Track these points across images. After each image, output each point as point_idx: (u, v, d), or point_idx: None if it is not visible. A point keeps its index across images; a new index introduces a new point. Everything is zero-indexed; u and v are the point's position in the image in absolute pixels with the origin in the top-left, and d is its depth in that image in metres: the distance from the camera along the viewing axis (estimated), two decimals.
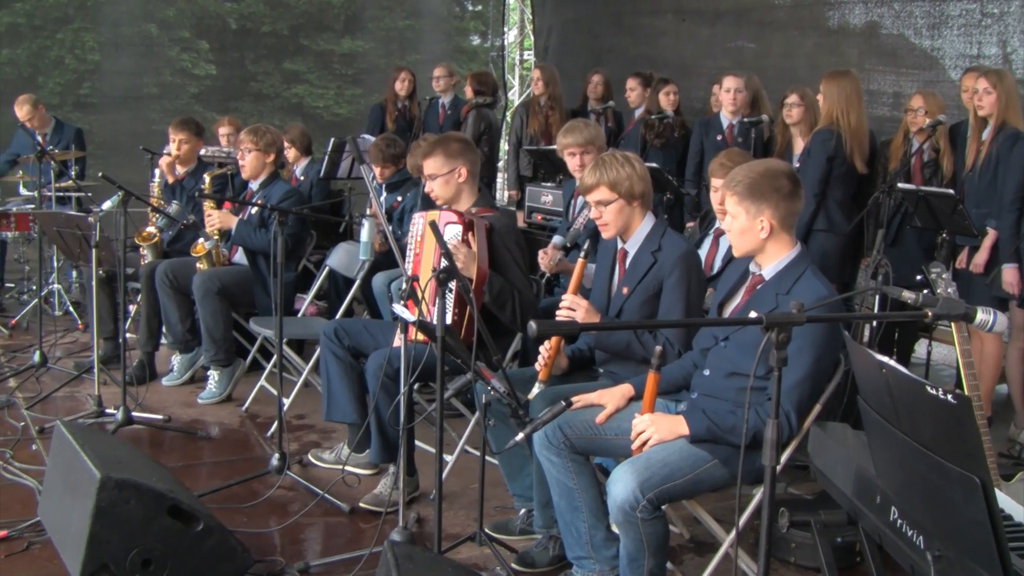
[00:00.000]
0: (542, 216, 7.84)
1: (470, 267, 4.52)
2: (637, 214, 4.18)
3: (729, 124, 7.27)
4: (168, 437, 5.70)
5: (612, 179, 4.11)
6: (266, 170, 6.52)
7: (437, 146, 4.89)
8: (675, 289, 4.04)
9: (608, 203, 4.13)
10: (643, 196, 4.16)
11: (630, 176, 4.12)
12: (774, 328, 2.49)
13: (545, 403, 3.83)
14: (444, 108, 9.58)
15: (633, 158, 4.19)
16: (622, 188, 4.11)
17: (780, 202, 3.47)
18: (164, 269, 6.46)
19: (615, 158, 4.17)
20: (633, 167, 4.14)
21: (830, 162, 6.10)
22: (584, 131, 5.52)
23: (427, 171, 4.89)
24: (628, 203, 4.14)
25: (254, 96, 12.80)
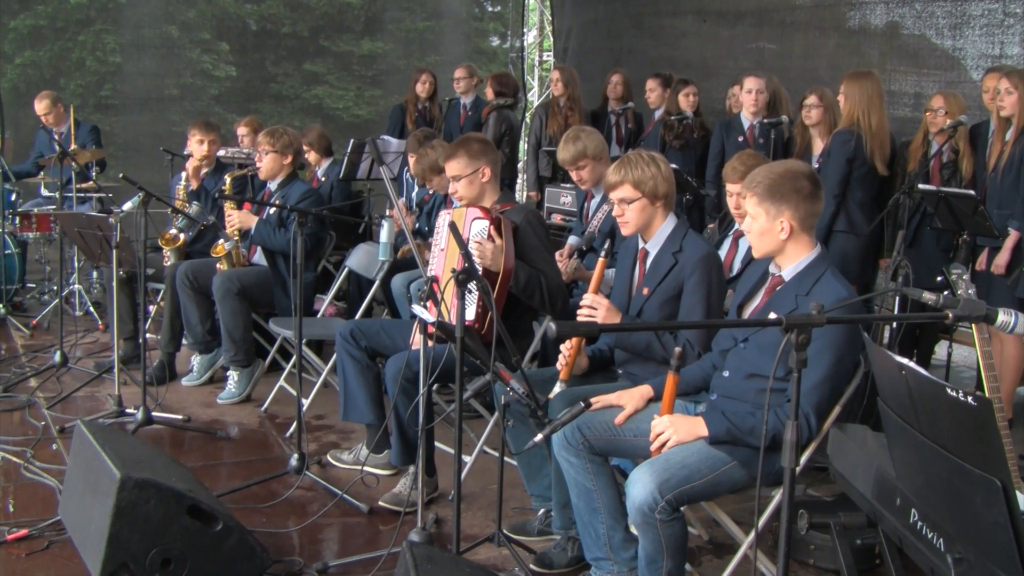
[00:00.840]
0: (561, 217, 7.85)
1: (498, 260, 4.53)
2: (659, 214, 4.18)
3: (750, 125, 7.25)
4: (188, 437, 5.72)
5: (637, 178, 4.12)
6: (283, 171, 6.53)
7: (459, 148, 4.90)
8: (696, 290, 4.04)
9: (631, 201, 4.14)
10: (667, 197, 4.16)
11: (655, 176, 4.12)
12: (794, 330, 2.49)
13: (564, 404, 3.83)
14: (465, 109, 9.58)
15: (659, 159, 4.20)
16: (646, 187, 4.12)
17: (800, 203, 3.46)
18: (184, 270, 6.49)
19: (641, 157, 4.18)
20: (659, 167, 4.15)
21: (850, 163, 6.09)
22: (573, 145, 5.54)
23: (450, 172, 4.90)
24: (651, 202, 4.14)
25: (274, 98, 12.86)
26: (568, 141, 5.60)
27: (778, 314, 2.60)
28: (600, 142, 5.61)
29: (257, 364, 6.54)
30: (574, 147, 5.55)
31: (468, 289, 3.76)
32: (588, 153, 5.56)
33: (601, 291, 4.28)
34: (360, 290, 6.80)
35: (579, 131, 5.65)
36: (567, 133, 5.71)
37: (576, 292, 5.56)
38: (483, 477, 5.02)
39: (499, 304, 4.48)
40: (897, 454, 2.78)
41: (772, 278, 3.62)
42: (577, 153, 5.56)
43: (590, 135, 5.60)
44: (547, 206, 8.08)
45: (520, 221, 4.73)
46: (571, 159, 5.58)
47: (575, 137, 5.59)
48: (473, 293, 4.49)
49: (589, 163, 5.57)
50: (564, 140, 5.64)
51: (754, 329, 3.54)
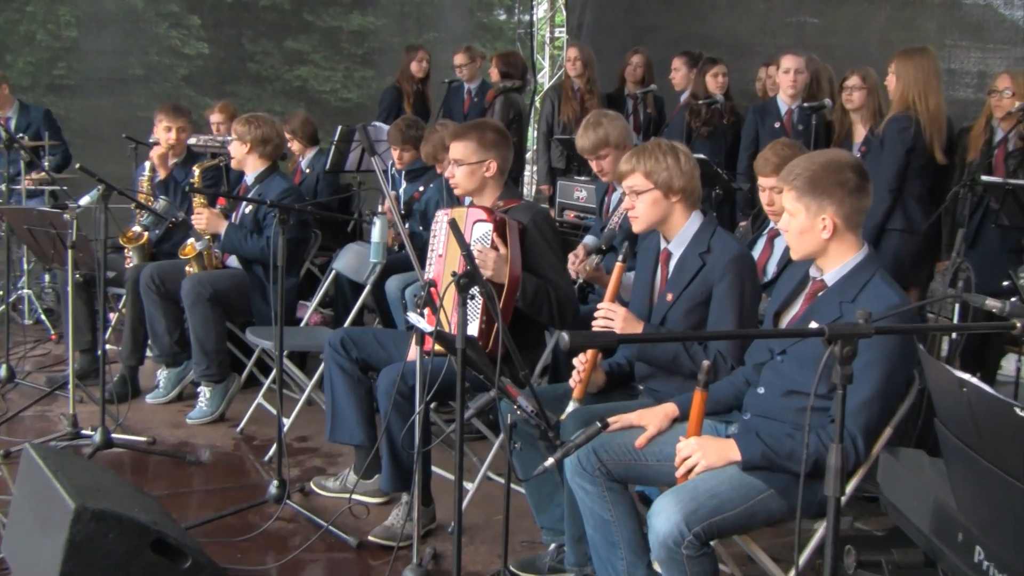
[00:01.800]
0: (575, 214, 7.84)
1: (501, 273, 4.55)
2: (678, 211, 4.19)
3: (788, 110, 7.23)
4: (153, 462, 5.73)
5: (649, 167, 4.16)
6: (264, 162, 6.55)
7: (472, 131, 4.92)
8: (726, 296, 4.04)
9: (641, 192, 4.16)
10: (685, 192, 4.17)
11: (669, 168, 4.14)
12: (838, 340, 2.48)
13: (578, 424, 3.83)
14: (470, 95, 9.57)
15: (681, 150, 4.21)
16: (658, 178, 4.15)
17: (845, 198, 3.46)
18: (150, 273, 6.48)
19: (658, 147, 4.20)
20: (677, 159, 4.16)
21: (909, 153, 6.05)
22: (594, 132, 5.55)
23: (454, 154, 4.92)
24: (665, 196, 4.16)
25: (252, 79, 12.86)
26: (589, 127, 5.61)
27: (820, 323, 2.60)
28: (624, 129, 5.63)
29: (232, 379, 6.55)
30: (595, 134, 5.57)
31: (470, 295, 3.76)
32: (611, 141, 5.57)
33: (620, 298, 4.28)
34: (349, 296, 6.80)
35: (601, 116, 5.66)
36: (588, 118, 5.72)
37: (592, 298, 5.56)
38: (487, 507, 5.02)
39: (505, 314, 4.49)
40: (958, 483, 2.77)
41: (813, 283, 3.62)
42: (599, 140, 5.57)
43: (613, 121, 5.61)
44: (559, 201, 8.08)
45: (527, 222, 4.74)
46: (591, 147, 5.60)
47: (596, 123, 5.60)
48: (476, 300, 4.50)
49: (612, 152, 5.58)
50: (584, 126, 5.65)
51: (792, 340, 3.54)
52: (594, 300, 5.52)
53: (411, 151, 7.08)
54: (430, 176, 7.01)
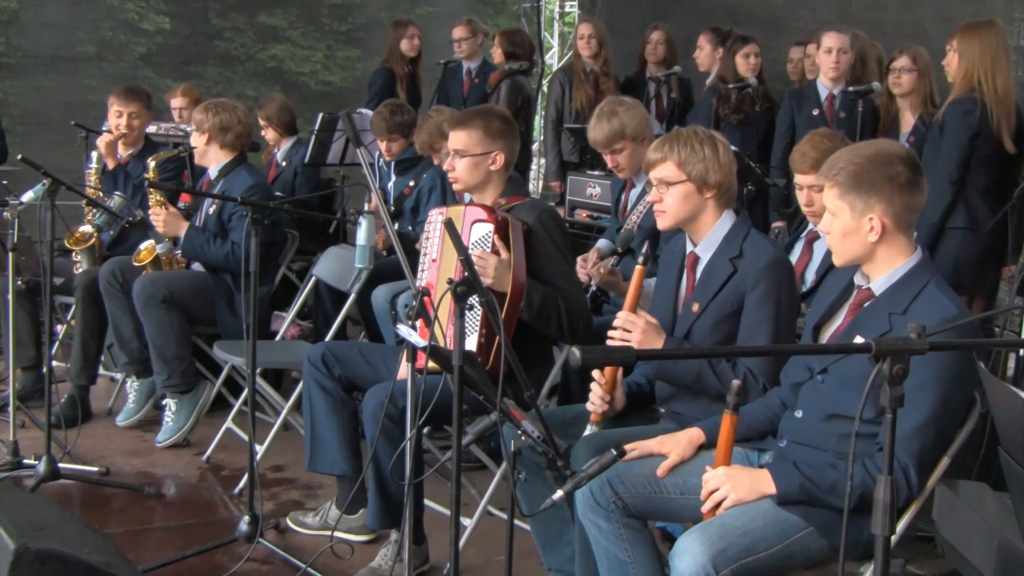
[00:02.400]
0: (587, 213, 7.85)
1: (503, 280, 4.56)
2: (709, 209, 4.20)
3: (829, 95, 7.22)
4: (107, 495, 5.73)
5: (683, 156, 4.17)
6: (228, 153, 6.56)
7: (477, 118, 4.93)
8: (760, 307, 4.05)
9: (673, 183, 4.17)
10: (720, 187, 4.18)
11: (706, 159, 4.16)
12: (886, 357, 2.49)
13: (591, 452, 3.83)
14: (470, 75, 9.56)
15: (720, 141, 4.23)
16: (693, 170, 4.16)
17: (895, 195, 3.46)
18: (111, 269, 6.49)
19: (695, 134, 4.23)
20: (715, 150, 4.18)
21: (973, 140, 6.00)
22: (608, 123, 5.55)
23: (455, 144, 4.92)
24: (699, 191, 4.17)
25: (220, 58, 12.84)
26: (602, 117, 5.61)
27: (866, 338, 2.60)
28: (643, 119, 5.62)
29: (202, 388, 6.54)
30: (609, 125, 5.57)
31: (468, 305, 3.77)
32: (627, 133, 5.57)
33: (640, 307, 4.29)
34: (331, 306, 6.81)
35: (616, 104, 5.66)
36: (601, 106, 5.71)
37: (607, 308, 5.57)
38: (487, 546, 5.03)
39: (508, 327, 4.50)
40: None
41: (858, 291, 3.62)
42: (613, 133, 5.57)
43: (630, 109, 5.61)
44: (570, 199, 8.08)
45: (533, 222, 4.76)
46: (605, 140, 5.59)
47: (611, 112, 5.60)
48: (475, 310, 4.51)
49: (628, 145, 5.58)
50: (597, 115, 5.65)
51: (835, 357, 3.54)
52: (609, 310, 5.53)
53: (399, 139, 7.09)
54: (423, 167, 7.01)
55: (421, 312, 3.99)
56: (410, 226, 6.83)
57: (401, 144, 7.10)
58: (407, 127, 7.07)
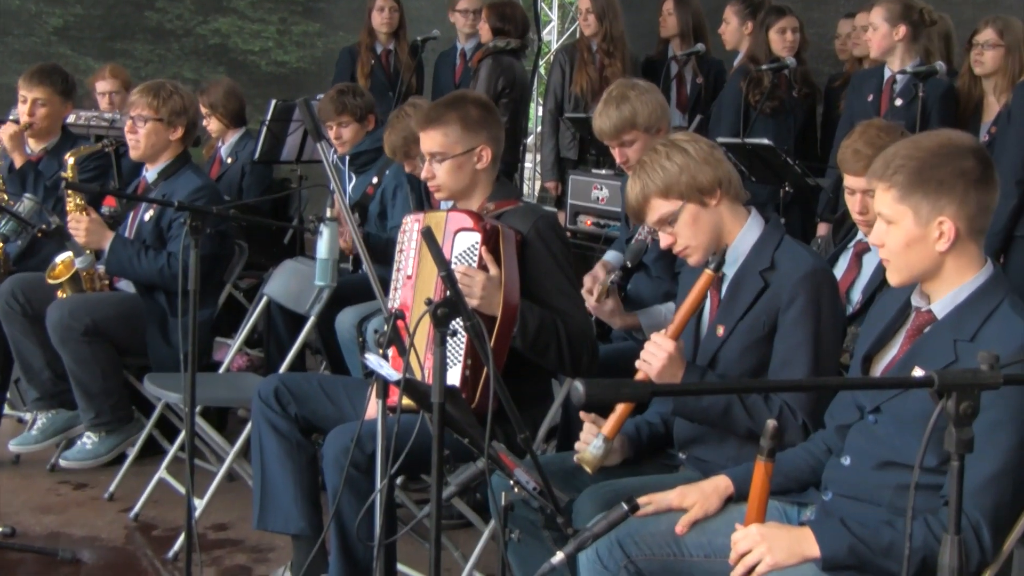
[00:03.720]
0: (592, 220, 7.84)
1: (492, 301, 4.54)
2: (726, 215, 4.18)
3: (891, 77, 7.19)
4: (12, 561, 5.70)
5: (662, 184, 4.14)
6: (169, 151, 6.53)
7: (450, 110, 4.91)
8: (797, 327, 4.03)
9: (672, 216, 4.16)
10: (720, 183, 4.16)
11: (684, 166, 4.13)
12: (952, 393, 2.48)
13: (597, 507, 3.83)
14: (464, 57, 9.55)
15: (680, 139, 4.23)
16: (681, 188, 4.13)
17: (969, 192, 3.41)
18: (10, 289, 6.46)
19: (656, 152, 4.21)
20: (683, 151, 4.16)
21: None
22: (616, 109, 5.52)
23: (430, 147, 4.90)
24: (701, 204, 4.15)
25: (152, 33, 12.81)
26: (610, 102, 5.58)
27: (927, 369, 2.59)
28: (657, 105, 5.58)
29: (136, 424, 6.52)
30: (618, 111, 5.54)
31: (451, 330, 3.75)
32: (639, 121, 5.54)
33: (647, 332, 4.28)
34: (285, 332, 6.80)
35: (627, 88, 5.63)
36: (610, 90, 5.68)
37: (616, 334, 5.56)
38: None
39: (498, 357, 4.49)
40: None
41: (916, 314, 3.60)
42: (623, 121, 5.54)
43: (643, 94, 5.57)
44: (571, 203, 8.08)
45: (528, 231, 4.74)
46: (613, 129, 5.56)
47: (621, 96, 5.57)
48: (459, 337, 4.49)
49: (640, 137, 5.55)
50: (605, 101, 5.62)
51: (889, 394, 3.51)
52: (619, 336, 5.53)
53: (351, 123, 7.07)
54: (385, 161, 6.99)
55: (394, 339, 3.98)
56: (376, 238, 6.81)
57: (355, 131, 7.10)
58: (361, 110, 7.05)
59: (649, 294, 5.49)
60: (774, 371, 4.07)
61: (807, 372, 4.01)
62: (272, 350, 7.03)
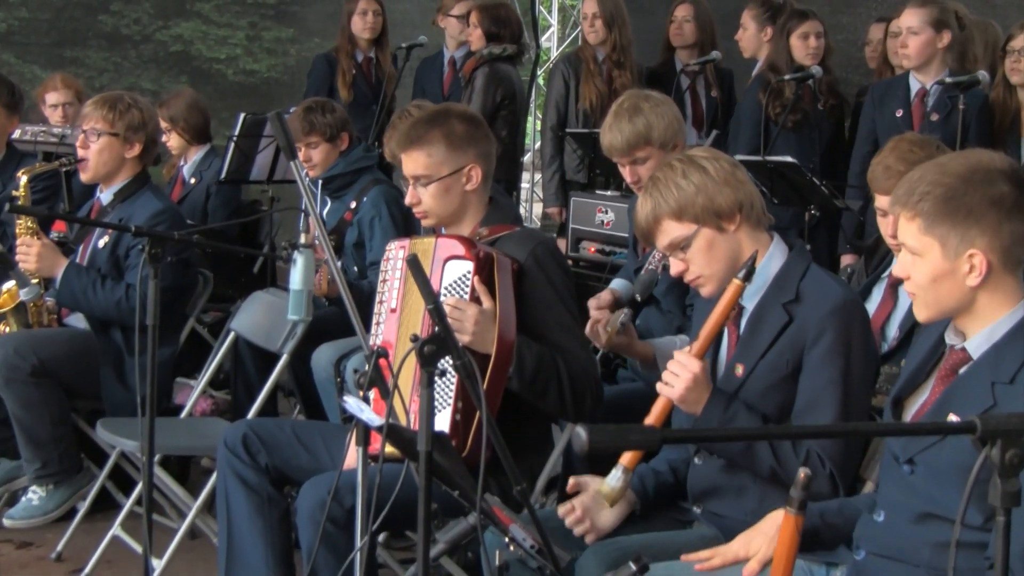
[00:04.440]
0: (597, 247, 7.82)
1: (485, 337, 4.54)
2: (744, 239, 4.18)
3: (920, 89, 7.21)
4: None
5: (675, 205, 4.12)
6: (126, 171, 6.53)
7: (432, 127, 4.92)
8: (824, 366, 4.03)
9: (685, 241, 4.15)
10: (741, 207, 4.16)
11: (702, 187, 4.11)
12: (996, 440, 2.48)
13: (603, 566, 3.83)
14: (453, 66, 9.54)
15: (699, 155, 4.21)
16: (697, 210, 4.11)
17: (1002, 223, 3.40)
18: None
19: (671, 168, 4.19)
20: (702, 169, 4.14)
21: None
22: (629, 123, 5.50)
23: (412, 170, 4.92)
24: (717, 229, 4.14)
25: (106, 39, 12.83)
26: (621, 115, 5.57)
27: (962, 414, 2.59)
28: (674, 119, 5.56)
29: (87, 475, 6.51)
30: (631, 125, 5.53)
31: (440, 370, 3.76)
32: (654, 136, 5.52)
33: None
34: (255, 372, 6.80)
35: (640, 99, 5.61)
36: (620, 102, 5.66)
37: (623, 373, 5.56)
38: None
39: (492, 400, 4.49)
40: None
41: (950, 352, 3.59)
42: (636, 136, 5.52)
43: (658, 107, 5.56)
44: (574, 227, 8.07)
45: (525, 259, 4.75)
46: (625, 145, 5.54)
47: (633, 108, 5.56)
48: (448, 378, 4.50)
49: (654, 154, 5.53)
50: (615, 113, 5.60)
51: (925, 441, 3.51)
52: (626, 377, 5.53)
53: (322, 145, 7.03)
54: (363, 184, 6.98)
55: (376, 380, 3.98)
56: (355, 267, 6.80)
57: (325, 152, 7.06)
58: (332, 129, 7.04)
59: (659, 330, 5.48)
60: (798, 414, 4.06)
61: (835, 416, 4.00)
62: (240, 392, 7.01)
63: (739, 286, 4.05)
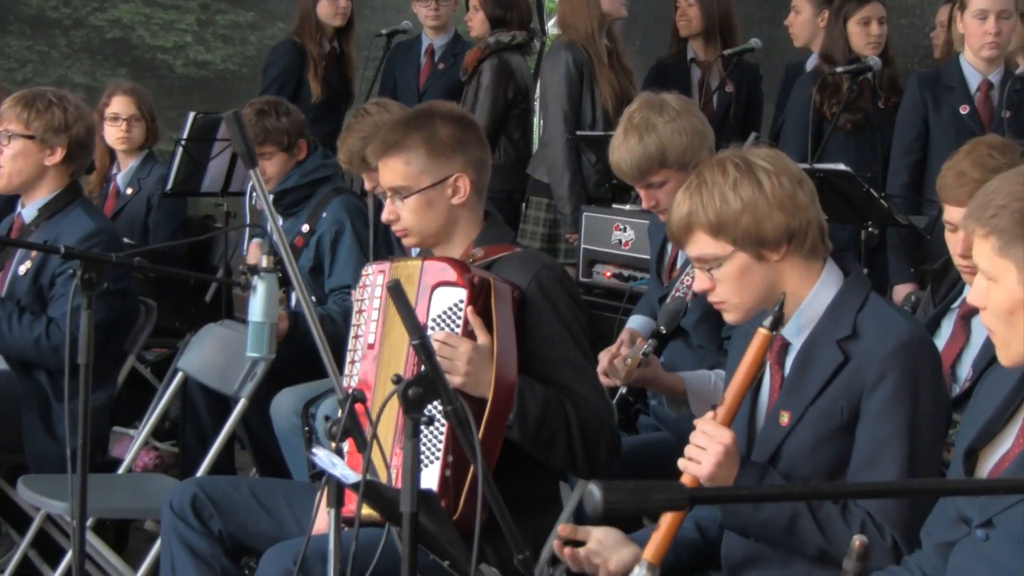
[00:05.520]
0: (613, 271, 7.78)
1: (480, 378, 4.55)
2: (789, 271, 4.17)
3: (983, 81, 7.21)
4: None
5: (714, 218, 4.10)
6: (50, 181, 6.55)
7: (413, 131, 4.93)
8: (886, 417, 4.03)
9: (716, 261, 4.15)
10: (792, 237, 4.12)
11: (750, 205, 4.08)
12: None
13: None
14: (432, 56, 9.53)
15: (762, 166, 4.14)
16: (737, 231, 4.09)
17: None
18: None
19: (723, 171, 4.15)
20: (757, 185, 4.10)
21: None
22: (639, 144, 5.43)
23: (390, 180, 4.95)
24: (757, 257, 4.12)
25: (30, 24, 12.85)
26: (630, 132, 5.51)
27: None
28: (695, 133, 5.44)
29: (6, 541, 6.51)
30: (642, 146, 5.47)
31: (427, 417, 3.79)
32: (670, 157, 5.46)
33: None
34: (207, 420, 6.82)
35: (652, 111, 5.52)
36: (630, 113, 5.58)
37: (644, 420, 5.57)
38: None
39: (489, 453, 4.52)
40: None
41: None
42: (647, 158, 5.46)
43: (674, 120, 5.47)
44: (586, 248, 8.02)
45: (528, 285, 4.76)
46: (636, 169, 5.50)
47: (645, 124, 5.48)
48: (437, 426, 4.53)
49: (672, 177, 5.48)
50: (624, 128, 5.54)
51: (1004, 501, 3.51)
52: (647, 425, 5.53)
53: (277, 155, 7.09)
54: (320, 201, 6.99)
55: (351, 429, 4.00)
56: (312, 297, 6.80)
57: (281, 163, 7.12)
58: (288, 136, 7.06)
59: (689, 367, 5.45)
60: (855, 472, 4.05)
61: (899, 473, 3.97)
62: (189, 444, 7.03)
63: (766, 336, 4.01)
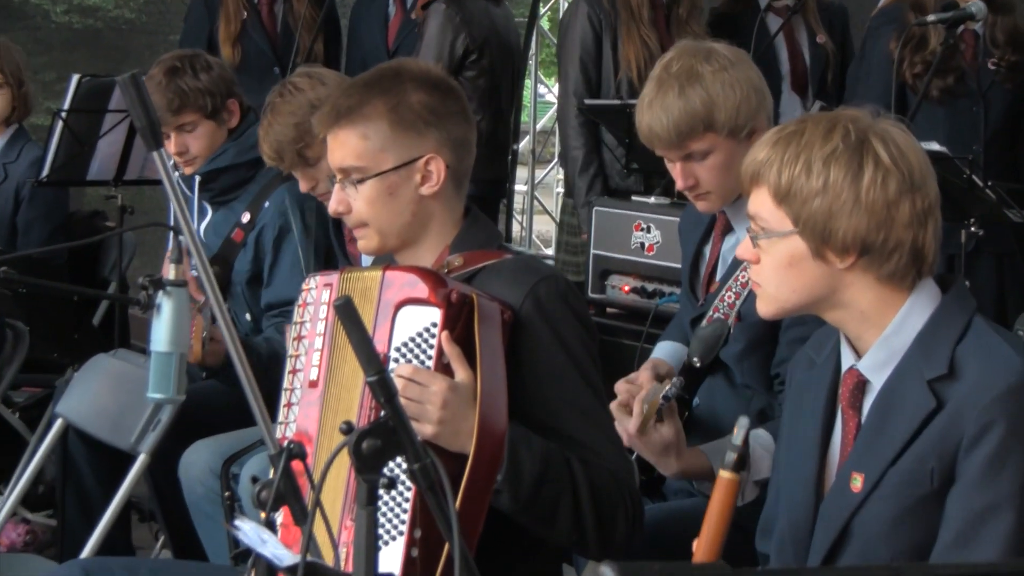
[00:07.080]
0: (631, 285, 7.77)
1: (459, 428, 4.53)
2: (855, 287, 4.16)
3: None
4: None
5: (786, 181, 4.10)
6: None
7: (370, 95, 4.91)
8: (992, 477, 4.03)
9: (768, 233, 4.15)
10: (864, 249, 4.10)
11: (836, 189, 4.06)
12: None
13: None
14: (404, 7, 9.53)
15: (884, 146, 4.10)
16: (803, 209, 4.08)
17: None
18: None
19: (830, 129, 4.12)
20: (857, 169, 4.08)
21: None
22: (677, 99, 5.39)
23: (341, 159, 4.92)
24: (814, 252, 4.10)
25: None
26: (666, 85, 5.50)
27: None
28: (751, 90, 5.45)
29: None
30: (682, 103, 5.45)
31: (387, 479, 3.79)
32: (718, 119, 5.45)
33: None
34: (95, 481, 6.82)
35: (696, 59, 5.52)
36: (666, 62, 5.58)
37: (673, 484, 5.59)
38: None
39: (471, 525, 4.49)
40: None
41: None
42: (689, 119, 5.44)
43: (725, 71, 5.47)
44: (597, 254, 8.02)
45: (522, 304, 4.75)
46: (673, 133, 5.49)
47: (687, 74, 5.48)
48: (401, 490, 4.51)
49: (720, 144, 5.47)
50: (657, 81, 5.52)
51: None
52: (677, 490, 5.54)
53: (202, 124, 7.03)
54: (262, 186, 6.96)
55: (287, 495, 3.99)
56: (247, 315, 6.79)
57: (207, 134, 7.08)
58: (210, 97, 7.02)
59: (729, 414, 5.41)
60: (948, 549, 4.04)
61: (1007, 551, 3.97)
62: (71, 514, 7.04)
63: (731, 481, 4.10)
